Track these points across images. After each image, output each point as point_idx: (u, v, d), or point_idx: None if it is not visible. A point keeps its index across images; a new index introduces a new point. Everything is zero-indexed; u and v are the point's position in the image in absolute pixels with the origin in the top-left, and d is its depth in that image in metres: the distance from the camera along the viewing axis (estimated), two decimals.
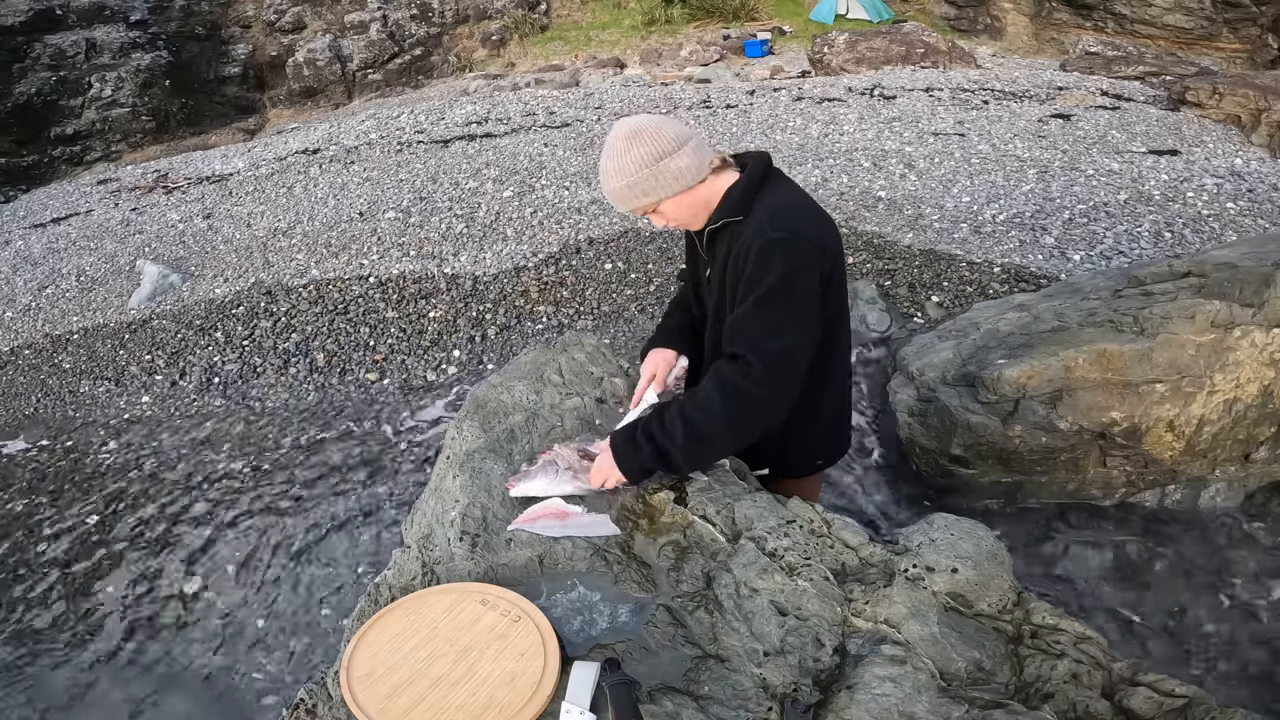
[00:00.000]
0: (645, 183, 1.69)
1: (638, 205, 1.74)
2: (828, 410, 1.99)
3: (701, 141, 1.74)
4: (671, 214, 1.77)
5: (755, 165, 1.79)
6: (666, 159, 1.67)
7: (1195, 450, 2.92)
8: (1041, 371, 2.93)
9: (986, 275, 4.90)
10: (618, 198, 1.74)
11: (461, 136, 9.05)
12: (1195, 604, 2.61)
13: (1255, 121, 7.34)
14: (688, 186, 1.72)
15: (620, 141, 1.70)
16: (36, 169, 11.75)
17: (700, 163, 1.72)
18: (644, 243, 5.73)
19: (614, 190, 1.73)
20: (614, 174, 1.71)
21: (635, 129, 1.70)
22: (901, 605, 1.53)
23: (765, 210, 1.71)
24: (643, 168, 1.68)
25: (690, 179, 1.71)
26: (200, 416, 4.52)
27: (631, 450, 1.74)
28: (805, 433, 1.97)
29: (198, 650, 2.93)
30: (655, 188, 1.70)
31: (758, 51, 13.73)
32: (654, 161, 1.67)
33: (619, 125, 1.73)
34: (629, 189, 1.71)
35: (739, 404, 1.68)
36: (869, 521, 3.07)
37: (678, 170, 1.69)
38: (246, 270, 6.21)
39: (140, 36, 13.18)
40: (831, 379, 1.96)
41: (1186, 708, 1.40)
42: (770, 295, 1.65)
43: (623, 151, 1.69)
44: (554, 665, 1.37)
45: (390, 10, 15.32)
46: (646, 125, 1.71)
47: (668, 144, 1.68)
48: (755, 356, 1.65)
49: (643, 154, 1.67)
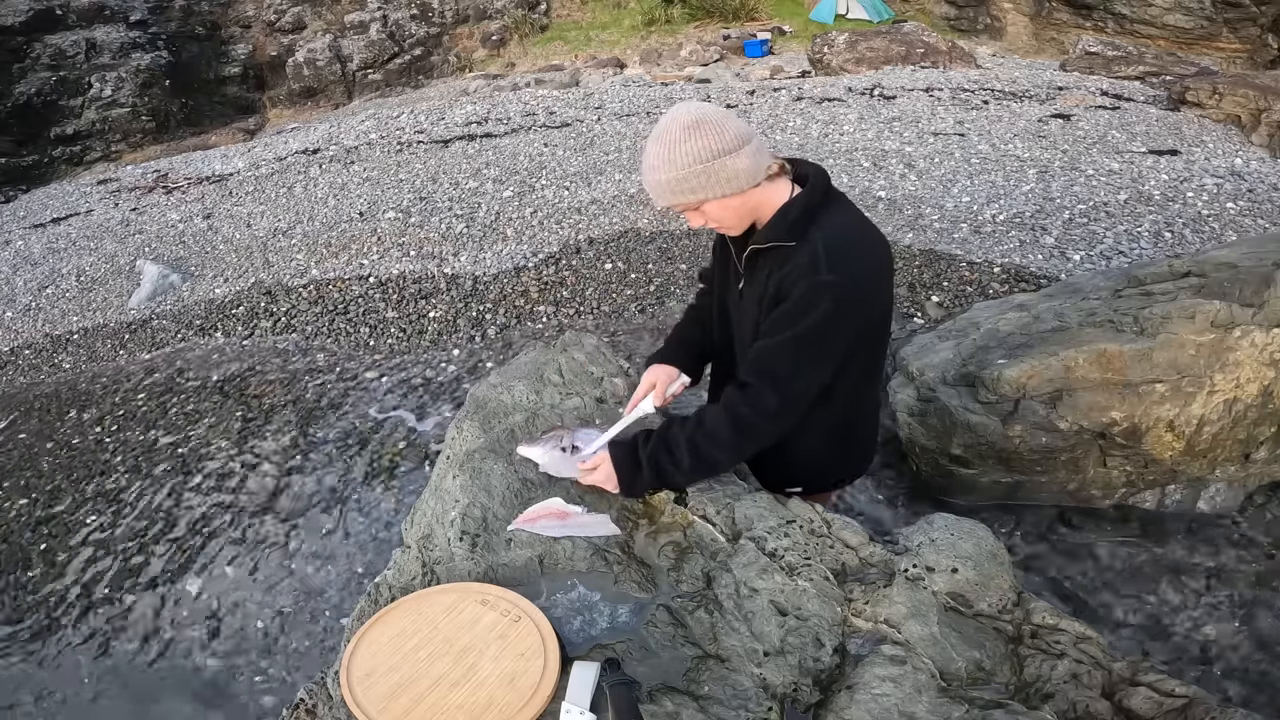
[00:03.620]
0: (697, 179, 1.54)
1: (681, 201, 1.59)
2: (861, 432, 1.97)
3: (762, 143, 1.60)
4: (715, 215, 1.62)
5: (815, 185, 1.64)
6: (725, 157, 1.53)
7: (1195, 450, 2.92)
8: (1041, 371, 2.93)
9: (986, 275, 4.91)
10: (662, 190, 1.58)
11: (461, 136, 9.05)
12: (1195, 604, 2.61)
13: (1255, 121, 7.34)
14: (740, 190, 1.58)
15: (678, 129, 1.54)
16: (36, 169, 11.75)
17: (758, 166, 1.57)
18: (644, 243, 5.73)
19: (660, 181, 1.57)
20: (664, 164, 1.55)
21: (698, 118, 1.53)
22: (901, 605, 1.53)
23: (822, 241, 1.58)
24: (698, 162, 1.52)
25: (745, 182, 1.57)
26: (195, 414, 4.52)
27: (633, 469, 1.73)
28: (839, 455, 1.96)
29: (197, 650, 2.93)
30: (706, 185, 1.55)
31: (758, 51, 13.73)
32: (712, 158, 1.53)
33: (678, 111, 1.57)
34: (677, 183, 1.55)
35: (747, 436, 1.66)
36: (869, 521, 3.07)
37: (735, 171, 1.55)
38: (246, 270, 6.21)
39: (140, 36, 13.18)
40: (866, 402, 1.93)
41: (1186, 708, 1.40)
42: (806, 335, 1.57)
43: (679, 140, 1.53)
44: (554, 665, 1.37)
45: (390, 10, 15.31)
46: (710, 116, 1.55)
47: (730, 140, 1.53)
48: (773, 391, 1.61)
49: (701, 147, 1.52)
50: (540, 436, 1.93)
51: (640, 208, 6.36)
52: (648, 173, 1.60)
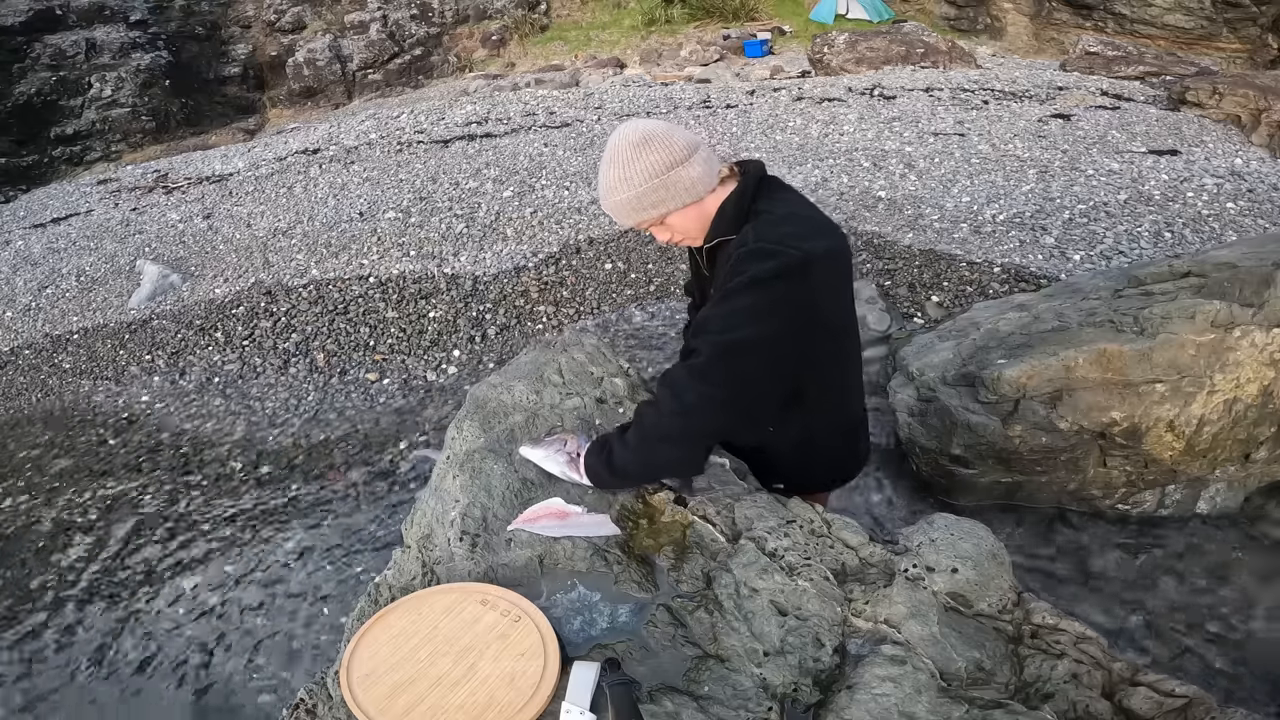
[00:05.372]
0: (655, 194, 1.56)
1: (644, 219, 1.61)
2: (842, 426, 1.92)
3: (709, 149, 1.62)
4: (679, 227, 1.64)
5: (748, 178, 1.65)
6: (678, 168, 1.55)
7: (1195, 450, 2.92)
8: (1041, 371, 2.93)
9: (986, 275, 4.91)
10: (622, 210, 1.60)
11: (461, 136, 9.05)
12: (1195, 603, 2.61)
13: (1255, 121, 7.34)
14: (698, 198, 1.60)
15: (627, 149, 1.56)
16: (36, 169, 11.76)
17: (710, 172, 1.60)
18: (644, 243, 5.73)
19: (619, 203, 1.59)
20: (619, 185, 1.57)
21: (645, 135, 1.56)
22: (901, 605, 1.53)
23: (756, 220, 1.60)
24: (652, 177, 1.55)
25: (702, 189, 1.59)
26: (200, 416, 4.52)
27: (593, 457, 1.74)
28: (822, 451, 1.91)
29: (197, 650, 2.93)
30: (665, 199, 1.57)
31: (758, 51, 13.74)
32: (664, 171, 1.55)
33: (623, 131, 1.59)
34: (636, 201, 1.57)
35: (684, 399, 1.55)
36: (869, 522, 3.07)
37: (690, 180, 1.57)
38: (246, 270, 6.21)
39: (140, 36, 13.19)
40: (848, 392, 1.89)
41: (1186, 708, 1.40)
42: (734, 291, 1.52)
43: (629, 160, 1.55)
44: (554, 665, 1.37)
45: (390, 10, 15.33)
46: (656, 131, 1.57)
47: (679, 152, 1.55)
48: (705, 345, 1.54)
49: (653, 163, 1.54)
50: (542, 439, 1.93)
51: None
52: (606, 195, 1.61)
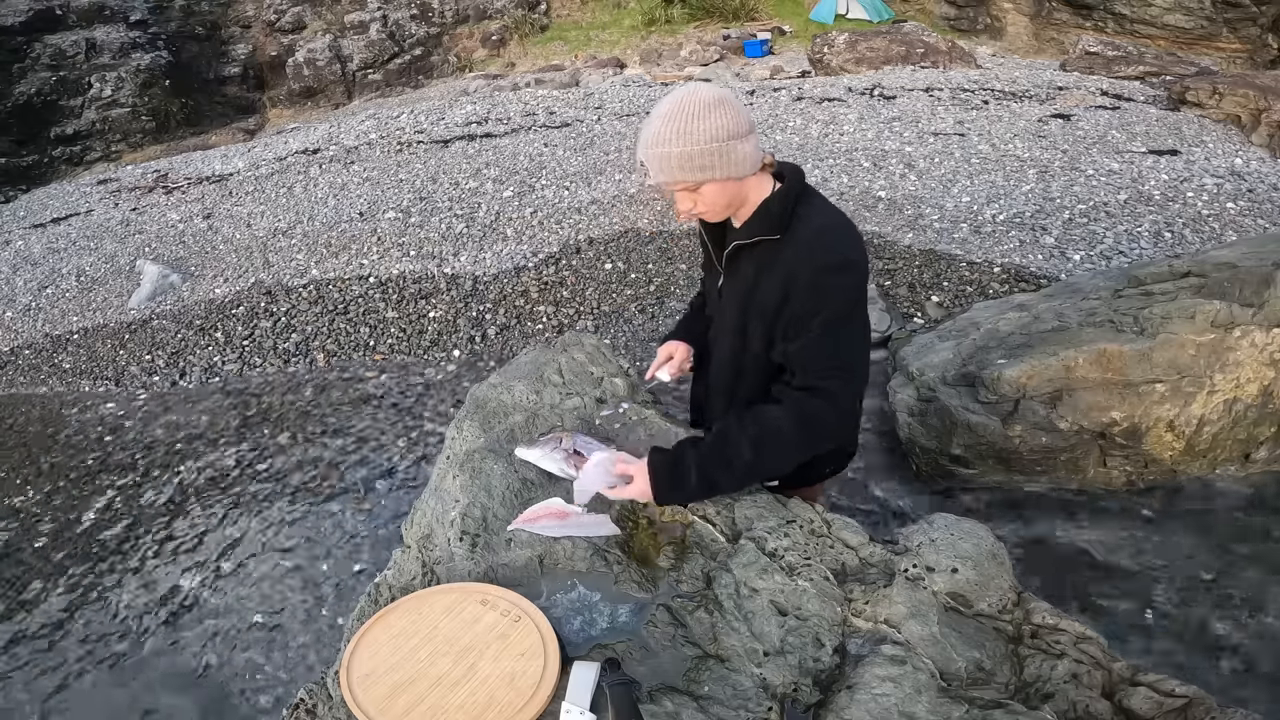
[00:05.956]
0: (708, 157, 1.53)
1: (683, 179, 1.57)
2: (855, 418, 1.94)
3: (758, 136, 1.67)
4: (709, 198, 1.61)
5: (793, 180, 1.66)
6: (738, 140, 1.54)
7: (1195, 450, 2.92)
8: (1041, 371, 2.93)
9: (986, 275, 4.91)
10: (669, 163, 1.55)
11: (461, 136, 9.05)
12: (1195, 603, 2.61)
13: (1255, 121, 7.34)
14: (740, 176, 1.59)
15: (698, 105, 1.53)
16: (36, 169, 11.76)
17: (757, 155, 1.61)
18: (644, 243, 5.73)
19: (670, 154, 1.54)
20: (675, 138, 1.53)
21: (719, 98, 1.54)
22: (901, 605, 1.53)
23: (809, 233, 1.61)
24: (713, 140, 1.52)
25: (747, 168, 1.59)
26: (199, 413, 4.52)
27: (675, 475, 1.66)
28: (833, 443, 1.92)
29: (197, 649, 2.93)
30: (714, 165, 1.54)
31: (758, 51, 13.74)
32: (726, 138, 1.53)
33: (694, 88, 1.57)
34: (688, 159, 1.53)
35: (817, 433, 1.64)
36: (868, 522, 3.07)
37: (742, 155, 1.56)
38: (246, 270, 6.21)
39: (140, 36, 13.19)
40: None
41: (1186, 708, 1.40)
42: (838, 322, 1.60)
43: (697, 115, 1.52)
44: (554, 665, 1.37)
45: (390, 10, 15.33)
46: (728, 98, 1.55)
47: (743, 125, 1.55)
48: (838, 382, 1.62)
49: (718, 126, 1.52)
50: (538, 439, 1.93)
51: (640, 208, 6.36)
52: (656, 145, 1.55)
